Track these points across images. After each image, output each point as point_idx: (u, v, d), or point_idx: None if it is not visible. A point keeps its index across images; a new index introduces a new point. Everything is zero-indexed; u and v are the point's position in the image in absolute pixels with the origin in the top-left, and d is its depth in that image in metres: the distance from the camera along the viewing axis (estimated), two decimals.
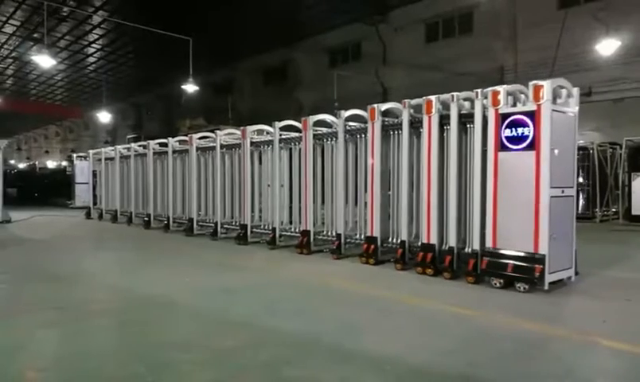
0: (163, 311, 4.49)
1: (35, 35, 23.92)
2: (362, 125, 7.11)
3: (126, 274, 6.38)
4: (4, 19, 22.61)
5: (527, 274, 4.94)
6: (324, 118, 7.80)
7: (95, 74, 32.15)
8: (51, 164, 37.77)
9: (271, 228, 8.29)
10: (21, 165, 38.25)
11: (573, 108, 5.37)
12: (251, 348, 3.41)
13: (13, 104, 37.23)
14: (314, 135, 7.72)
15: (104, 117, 33.59)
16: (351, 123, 7.34)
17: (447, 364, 3.13)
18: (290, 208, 8.40)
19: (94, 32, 24.72)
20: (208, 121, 24.50)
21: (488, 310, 4.47)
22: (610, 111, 16.34)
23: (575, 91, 5.45)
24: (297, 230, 7.95)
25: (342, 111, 7.25)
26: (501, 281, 5.13)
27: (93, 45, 26.79)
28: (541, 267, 4.84)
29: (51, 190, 23.45)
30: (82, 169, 18.33)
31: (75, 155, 20.22)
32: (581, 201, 13.20)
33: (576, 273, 5.42)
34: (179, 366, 3.11)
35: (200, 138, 10.54)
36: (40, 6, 18.81)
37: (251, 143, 8.84)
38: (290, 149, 8.39)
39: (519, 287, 4.99)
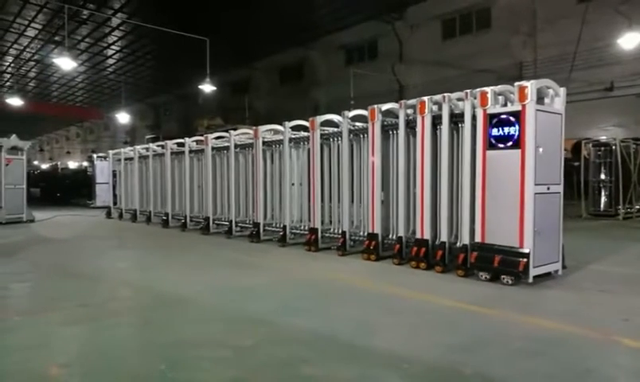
0: (182, 309, 4.54)
1: (56, 38, 24.41)
2: (366, 125, 7.17)
3: (145, 272, 6.48)
4: (26, 23, 23.12)
5: (512, 267, 5.10)
6: (331, 118, 7.85)
7: (115, 75, 32.65)
8: (72, 164, 38.49)
9: (281, 226, 8.41)
10: (44, 166, 39.06)
11: (559, 108, 5.50)
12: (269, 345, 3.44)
13: (35, 106, 38.05)
14: (322, 135, 7.82)
15: (123, 118, 34.08)
16: (358, 124, 7.40)
17: (454, 359, 3.11)
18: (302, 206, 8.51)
19: (113, 34, 25.10)
20: (226, 120, 24.72)
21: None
22: (633, 105, 16.00)
23: (562, 91, 5.55)
24: (306, 228, 8.06)
25: (346, 112, 7.35)
26: (488, 274, 5.32)
27: (112, 47, 27.21)
28: (525, 260, 5.02)
29: (72, 190, 23.89)
30: (102, 170, 18.65)
31: (95, 155, 20.58)
32: (603, 198, 12.95)
33: (564, 266, 5.58)
34: (199, 363, 3.15)
35: (216, 138, 10.65)
36: (60, 10, 19.18)
37: (264, 143, 8.95)
38: (300, 148, 8.50)
39: (505, 281, 5.17)
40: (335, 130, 7.71)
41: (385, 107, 6.81)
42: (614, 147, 12.81)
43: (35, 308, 4.67)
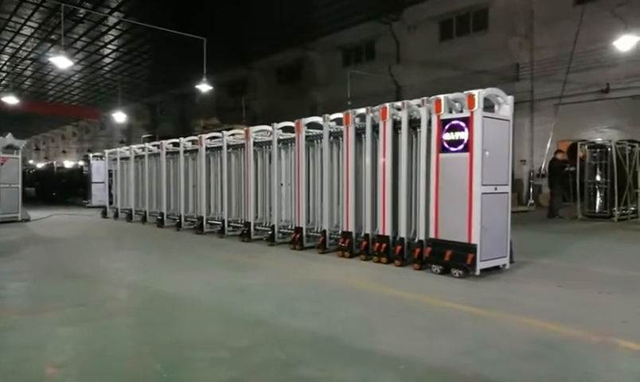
0: (178, 309, 4.54)
1: (52, 37, 24.32)
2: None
3: (141, 272, 6.46)
4: (22, 21, 23.02)
5: (461, 261, 5.50)
6: (317, 121, 8.02)
7: (111, 74, 32.57)
8: (68, 163, 38.32)
9: (269, 225, 8.60)
10: (40, 165, 38.81)
11: (507, 115, 5.91)
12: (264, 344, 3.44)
13: (31, 105, 37.92)
14: (307, 137, 8.03)
15: (119, 117, 34.01)
16: (341, 127, 7.57)
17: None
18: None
19: (110, 33, 25.03)
20: (222, 120, 24.68)
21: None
22: (628, 108, 16.09)
23: (510, 99, 5.94)
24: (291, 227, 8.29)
25: (327, 115, 7.62)
26: (441, 267, 5.73)
27: (109, 46, 27.14)
28: (473, 255, 5.41)
29: (68, 189, 23.80)
30: (98, 169, 18.58)
31: (91, 155, 20.50)
32: (599, 200, 13.01)
33: (512, 261, 5.98)
34: (196, 364, 3.14)
35: (211, 139, 10.67)
36: (57, 8, 19.13)
37: (255, 143, 9.07)
38: (289, 149, 8.64)
39: (454, 273, 5.57)
40: (319, 132, 7.90)
41: (360, 111, 7.05)
42: (609, 149, 12.87)
43: (32, 307, 4.66)
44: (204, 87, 21.06)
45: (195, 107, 34.04)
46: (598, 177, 13.07)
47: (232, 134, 10.03)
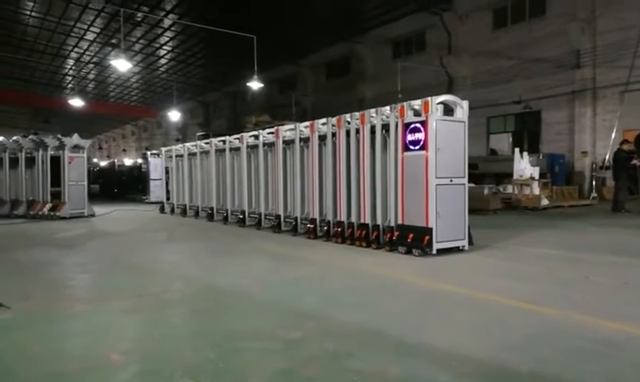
0: (228, 299, 4.67)
1: (113, 41, 25.58)
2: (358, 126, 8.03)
3: (193, 264, 6.71)
4: (85, 27, 24.35)
5: (420, 242, 6.44)
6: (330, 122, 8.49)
7: (167, 75, 33.83)
8: (128, 161, 40.20)
9: (294, 217, 9.30)
10: (102, 163, 40.93)
11: (462, 117, 6.73)
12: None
13: (94, 106, 40.10)
14: (319, 136, 8.67)
15: (175, 116, 35.24)
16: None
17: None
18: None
19: (165, 35, 26.01)
20: (273, 117, 25.03)
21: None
22: None
23: (465, 103, 6.75)
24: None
25: (331, 118, 8.39)
26: (405, 248, 6.67)
27: (164, 47, 28.20)
28: (429, 236, 6.35)
29: (128, 186, 24.97)
30: (155, 166, 19.38)
31: (149, 153, 21.38)
32: None
33: (471, 243, 6.85)
34: (248, 354, 3.22)
35: (255, 137, 10.95)
36: (117, 13, 20.08)
37: (284, 141, 9.60)
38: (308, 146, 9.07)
39: (414, 252, 6.50)
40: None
41: (348, 116, 7.98)
42: None
43: (95, 297, 4.94)
44: (255, 85, 21.43)
45: (247, 105, 34.76)
46: None
47: (269, 133, 10.35)
